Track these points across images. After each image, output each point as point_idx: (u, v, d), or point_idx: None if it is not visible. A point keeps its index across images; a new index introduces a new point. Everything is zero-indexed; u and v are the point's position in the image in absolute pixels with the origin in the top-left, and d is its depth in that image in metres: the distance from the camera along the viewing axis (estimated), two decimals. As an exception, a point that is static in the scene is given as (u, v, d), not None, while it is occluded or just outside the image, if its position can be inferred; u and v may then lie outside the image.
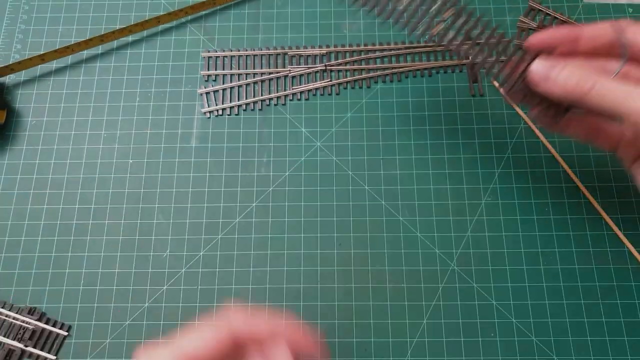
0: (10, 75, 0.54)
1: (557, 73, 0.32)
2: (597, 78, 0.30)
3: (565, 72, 0.32)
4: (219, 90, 0.53)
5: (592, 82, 0.30)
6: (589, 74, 0.31)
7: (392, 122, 0.51)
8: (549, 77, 0.32)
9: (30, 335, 0.45)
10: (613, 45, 0.33)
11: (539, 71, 0.33)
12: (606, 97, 0.30)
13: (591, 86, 0.30)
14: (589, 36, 0.34)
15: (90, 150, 0.51)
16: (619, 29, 0.33)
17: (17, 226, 0.49)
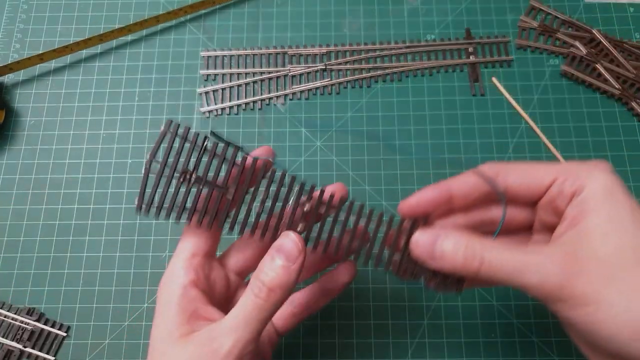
0: (9, 74, 0.53)
1: (440, 248, 0.28)
2: (483, 252, 0.27)
3: (449, 245, 0.28)
4: (218, 90, 0.53)
5: (480, 257, 0.27)
6: (475, 246, 0.28)
7: (392, 122, 0.51)
8: (433, 253, 0.29)
9: (29, 336, 0.45)
10: (488, 193, 0.31)
11: (421, 246, 0.29)
12: (498, 273, 0.27)
13: (480, 262, 0.27)
14: (461, 194, 0.31)
15: (89, 150, 0.51)
16: (489, 179, 0.30)
17: (15, 226, 0.49)
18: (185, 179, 0.30)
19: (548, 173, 0.29)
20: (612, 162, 0.49)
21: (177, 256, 0.31)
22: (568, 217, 0.27)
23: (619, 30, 0.54)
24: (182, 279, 0.30)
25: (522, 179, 0.30)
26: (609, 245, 0.25)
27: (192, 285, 0.30)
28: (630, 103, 0.51)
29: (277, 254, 0.29)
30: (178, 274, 0.30)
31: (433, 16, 0.55)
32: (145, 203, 0.31)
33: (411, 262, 0.31)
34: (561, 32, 0.54)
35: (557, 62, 0.53)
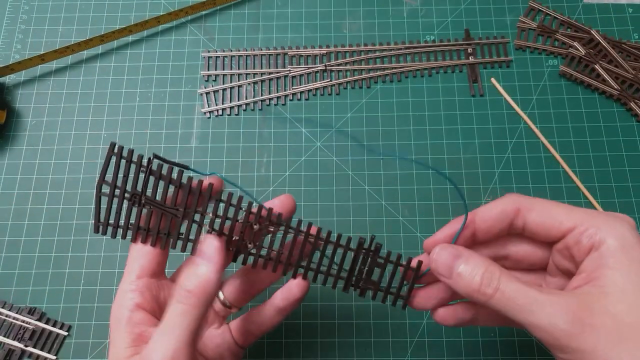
0: (10, 75, 0.54)
1: (460, 266, 0.29)
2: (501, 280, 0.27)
3: (470, 266, 0.28)
4: (219, 90, 0.53)
5: (496, 284, 0.27)
6: (494, 272, 0.28)
7: (392, 122, 0.51)
8: (451, 271, 0.29)
9: (30, 335, 0.45)
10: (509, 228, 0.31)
11: (440, 262, 0.30)
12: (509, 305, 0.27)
13: (494, 290, 0.27)
14: (484, 228, 0.31)
15: (91, 150, 0.51)
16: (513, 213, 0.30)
17: (17, 226, 0.49)
18: (134, 200, 0.31)
19: (568, 219, 0.29)
20: (610, 162, 0.49)
21: (124, 278, 0.31)
22: (585, 270, 0.27)
23: (618, 31, 0.54)
24: (128, 302, 0.29)
25: (542, 219, 0.30)
26: (624, 303, 0.25)
27: (137, 308, 0.29)
28: (628, 103, 0.51)
29: (195, 257, 0.30)
30: (124, 297, 0.30)
31: (432, 17, 0.55)
32: (102, 223, 0.32)
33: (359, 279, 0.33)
34: (560, 33, 0.54)
35: (556, 62, 0.53)
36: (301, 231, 0.32)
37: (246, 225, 0.31)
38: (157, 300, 0.31)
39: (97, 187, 0.31)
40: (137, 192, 0.31)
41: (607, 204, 0.48)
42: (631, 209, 0.48)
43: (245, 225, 0.32)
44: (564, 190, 0.49)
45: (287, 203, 0.34)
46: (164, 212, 0.31)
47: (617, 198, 0.48)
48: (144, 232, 0.31)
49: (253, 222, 0.31)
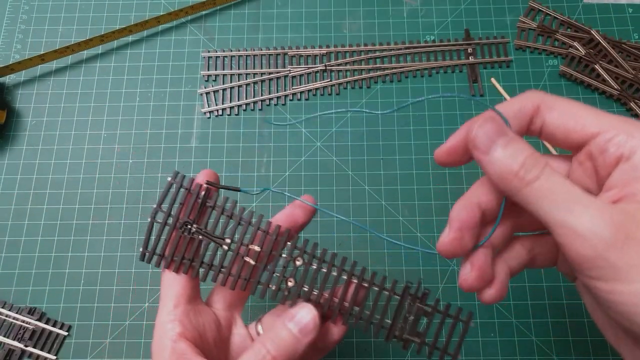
0: (10, 75, 0.54)
1: (501, 145, 0.25)
2: (545, 167, 0.24)
3: (512, 148, 0.24)
4: (219, 90, 0.53)
5: (539, 170, 0.23)
6: (539, 158, 0.24)
7: (392, 122, 0.51)
8: (491, 146, 0.25)
9: (30, 335, 0.45)
10: (529, 127, 0.27)
11: (483, 135, 0.25)
12: (546, 198, 0.23)
13: (535, 177, 0.23)
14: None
15: (90, 150, 0.51)
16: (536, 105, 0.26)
17: (17, 226, 0.49)
18: (185, 229, 0.30)
19: (593, 122, 0.24)
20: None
21: (161, 309, 0.30)
22: (616, 185, 0.24)
23: (618, 31, 0.54)
24: (170, 333, 0.29)
25: (563, 120, 0.25)
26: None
27: (179, 338, 0.29)
28: (628, 103, 0.51)
29: (291, 324, 0.28)
30: (164, 328, 0.29)
31: (432, 17, 0.55)
32: (148, 251, 0.31)
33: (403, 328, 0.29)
34: (560, 33, 0.54)
35: (556, 62, 0.53)
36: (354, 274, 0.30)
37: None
38: (197, 328, 0.30)
39: (152, 215, 0.31)
40: (189, 220, 0.30)
41: (607, 204, 0.48)
42: (631, 209, 0.48)
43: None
44: (564, 190, 0.48)
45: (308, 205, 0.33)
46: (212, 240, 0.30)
47: (617, 198, 0.48)
48: (187, 263, 0.30)
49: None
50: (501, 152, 0.25)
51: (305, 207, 0.33)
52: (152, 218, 0.31)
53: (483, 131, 0.25)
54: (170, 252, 0.30)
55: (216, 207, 0.31)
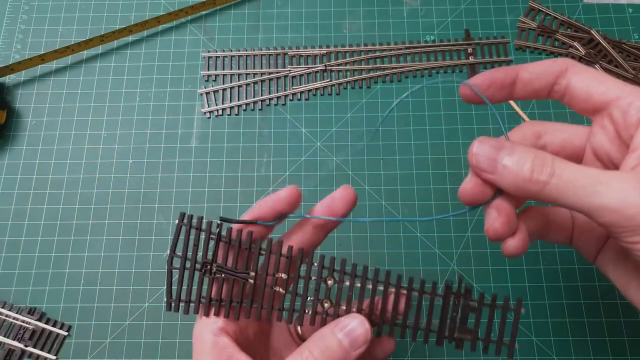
0: (10, 75, 0.54)
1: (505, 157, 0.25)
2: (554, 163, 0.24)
3: (515, 156, 0.25)
4: (219, 90, 0.53)
5: (550, 168, 0.24)
6: (546, 157, 0.24)
7: (392, 122, 0.51)
8: (495, 164, 0.25)
9: (30, 335, 0.45)
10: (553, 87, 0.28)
11: (483, 155, 0.26)
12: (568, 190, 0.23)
13: (549, 175, 0.24)
14: (526, 78, 0.28)
15: (90, 150, 0.51)
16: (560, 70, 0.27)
17: (17, 226, 0.49)
18: (206, 270, 0.29)
19: (615, 88, 0.25)
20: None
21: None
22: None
23: (618, 31, 0.54)
24: (212, 326, 0.29)
25: (587, 82, 0.26)
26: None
27: (222, 333, 0.28)
28: (628, 103, 0.51)
29: (341, 334, 0.27)
30: (206, 322, 0.29)
31: (432, 17, 0.55)
32: (174, 300, 0.30)
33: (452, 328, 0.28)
34: (560, 33, 0.54)
35: (556, 62, 0.53)
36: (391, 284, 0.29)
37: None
38: (238, 322, 0.30)
39: (169, 261, 0.29)
40: (208, 260, 0.29)
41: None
42: (631, 209, 0.48)
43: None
44: (564, 190, 0.48)
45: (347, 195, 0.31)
46: (236, 278, 0.29)
47: (617, 198, 0.48)
48: (216, 304, 0.29)
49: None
50: (507, 164, 0.25)
51: (343, 199, 0.31)
52: (169, 265, 0.29)
53: (482, 153, 0.26)
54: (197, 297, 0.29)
55: (232, 243, 0.29)
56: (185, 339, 0.45)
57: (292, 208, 0.30)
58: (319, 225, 0.31)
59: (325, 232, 0.32)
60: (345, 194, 0.30)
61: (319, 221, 0.31)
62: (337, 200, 0.30)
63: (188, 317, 0.45)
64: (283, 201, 0.30)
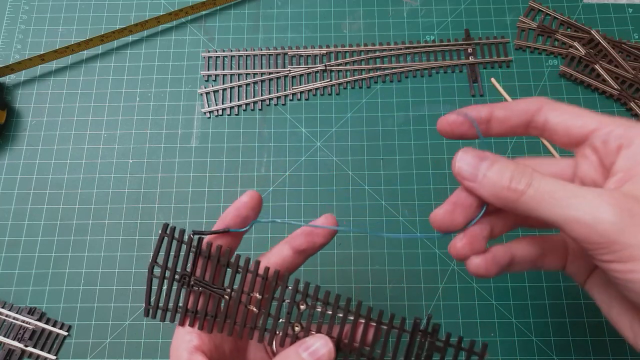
0: (10, 75, 0.54)
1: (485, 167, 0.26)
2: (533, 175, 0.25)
3: (496, 167, 0.26)
4: (219, 90, 0.53)
5: (528, 179, 0.25)
6: (525, 169, 0.25)
7: (392, 122, 0.51)
8: (477, 173, 0.26)
9: (30, 335, 0.45)
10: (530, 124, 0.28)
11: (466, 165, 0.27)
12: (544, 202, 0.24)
13: (526, 185, 0.24)
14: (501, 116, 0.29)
15: (90, 150, 0.51)
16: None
17: (17, 226, 0.49)
18: (184, 282, 0.30)
19: (592, 120, 0.26)
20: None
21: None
22: (621, 169, 0.25)
23: (618, 31, 0.54)
24: (187, 344, 0.29)
25: (565, 117, 0.27)
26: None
27: (196, 351, 0.29)
28: (628, 103, 0.51)
29: (305, 354, 0.27)
30: (183, 339, 0.29)
31: (432, 17, 0.55)
32: (151, 307, 0.30)
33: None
34: (560, 33, 0.54)
35: (556, 62, 0.53)
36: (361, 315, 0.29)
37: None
38: (214, 340, 0.30)
39: (149, 269, 0.30)
40: (187, 272, 0.30)
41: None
42: (631, 209, 0.48)
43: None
44: (564, 190, 0.48)
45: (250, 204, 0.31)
46: (212, 293, 0.30)
47: (617, 198, 0.48)
48: (192, 315, 0.30)
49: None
50: (488, 173, 0.26)
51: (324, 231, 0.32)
52: (149, 273, 0.30)
53: (465, 162, 0.27)
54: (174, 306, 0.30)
55: (211, 258, 0.30)
56: (185, 339, 0.45)
57: (255, 213, 0.31)
58: (298, 250, 0.32)
59: (305, 256, 0.32)
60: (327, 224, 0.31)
61: (299, 245, 0.32)
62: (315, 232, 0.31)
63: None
64: (246, 206, 0.31)
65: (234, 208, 0.31)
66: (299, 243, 0.32)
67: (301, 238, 0.32)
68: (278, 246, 0.33)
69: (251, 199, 0.31)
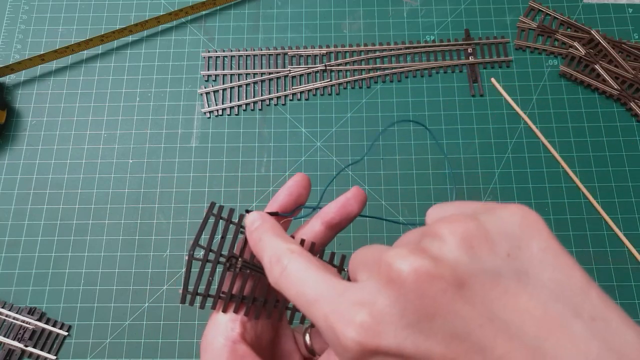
0: (10, 75, 0.54)
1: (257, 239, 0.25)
2: (290, 260, 0.23)
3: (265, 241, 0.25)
4: (219, 90, 0.53)
5: (283, 264, 0.23)
6: (282, 250, 0.23)
7: (392, 122, 0.51)
8: (255, 241, 0.25)
9: (30, 335, 0.45)
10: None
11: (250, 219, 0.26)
12: (294, 289, 0.22)
13: (282, 269, 0.23)
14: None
15: (90, 150, 0.51)
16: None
17: (17, 226, 0.49)
18: (231, 264, 0.27)
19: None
20: (610, 162, 0.49)
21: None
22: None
23: (618, 31, 0.54)
24: (230, 333, 0.26)
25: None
26: None
27: (240, 340, 0.26)
28: (628, 103, 0.51)
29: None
30: (224, 327, 0.26)
31: (432, 17, 0.55)
32: (190, 293, 0.27)
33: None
34: (560, 33, 0.54)
35: (556, 62, 0.53)
36: None
37: None
38: (255, 332, 0.28)
39: (191, 251, 0.27)
40: (235, 254, 0.27)
41: (607, 204, 0.48)
42: (631, 209, 0.48)
43: None
44: (564, 190, 0.49)
45: (359, 195, 0.30)
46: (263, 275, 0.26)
47: (617, 198, 0.48)
48: (237, 301, 0.27)
49: None
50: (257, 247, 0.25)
51: (356, 198, 0.30)
52: (190, 255, 0.27)
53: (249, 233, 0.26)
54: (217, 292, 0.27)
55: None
56: (186, 339, 0.45)
57: (307, 192, 0.30)
58: (330, 224, 0.30)
59: (336, 231, 0.31)
60: (358, 194, 0.30)
61: (331, 219, 0.30)
62: (351, 199, 0.30)
63: (188, 317, 0.45)
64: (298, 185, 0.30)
65: (285, 188, 0.29)
66: (331, 217, 0.30)
67: (334, 211, 0.30)
68: (309, 223, 0.31)
69: (302, 178, 0.30)
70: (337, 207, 0.30)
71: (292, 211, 0.30)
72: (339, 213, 0.30)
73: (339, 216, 0.30)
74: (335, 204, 0.30)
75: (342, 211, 0.30)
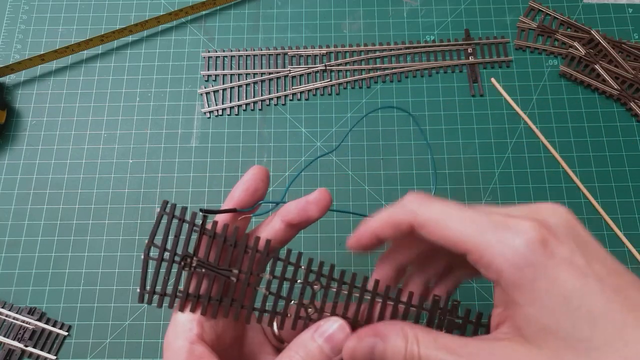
0: (10, 75, 0.54)
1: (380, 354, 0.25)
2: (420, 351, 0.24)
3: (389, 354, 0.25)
4: (219, 90, 0.53)
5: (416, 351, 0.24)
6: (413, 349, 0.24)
7: (392, 122, 0.51)
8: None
9: (30, 335, 0.45)
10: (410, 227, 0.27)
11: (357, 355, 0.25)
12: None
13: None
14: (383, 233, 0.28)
15: (90, 150, 0.51)
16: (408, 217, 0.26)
17: (17, 226, 0.49)
18: (186, 264, 0.27)
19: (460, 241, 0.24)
20: (610, 162, 0.49)
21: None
22: (499, 304, 0.24)
23: (618, 31, 0.54)
24: (188, 333, 0.26)
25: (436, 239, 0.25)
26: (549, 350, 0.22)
27: (198, 340, 0.26)
28: (628, 103, 0.51)
29: (320, 339, 0.26)
30: (182, 327, 0.27)
31: (432, 17, 0.55)
32: (147, 292, 0.28)
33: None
34: (560, 33, 0.54)
35: (556, 62, 0.53)
36: (378, 294, 0.28)
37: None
38: (215, 330, 0.28)
39: (146, 251, 0.27)
40: (189, 253, 0.27)
41: (607, 204, 0.48)
42: (631, 209, 0.48)
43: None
44: (564, 190, 0.49)
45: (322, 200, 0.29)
46: (218, 274, 0.27)
47: (617, 198, 0.48)
48: (194, 299, 0.27)
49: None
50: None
51: (319, 203, 0.29)
52: (145, 255, 0.27)
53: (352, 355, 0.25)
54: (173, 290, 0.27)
55: (217, 237, 0.27)
56: (185, 339, 0.45)
57: (264, 185, 0.29)
58: (291, 223, 0.30)
59: (297, 229, 0.31)
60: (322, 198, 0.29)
61: (291, 219, 0.29)
62: (312, 203, 0.29)
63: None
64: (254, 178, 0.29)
65: (241, 182, 0.29)
66: (291, 217, 0.29)
67: (294, 212, 0.29)
68: (269, 220, 0.31)
69: (259, 170, 0.29)
70: (297, 209, 0.29)
71: (252, 207, 0.29)
72: (299, 215, 0.29)
73: (299, 217, 0.29)
74: (296, 204, 0.29)
75: (302, 214, 0.29)
